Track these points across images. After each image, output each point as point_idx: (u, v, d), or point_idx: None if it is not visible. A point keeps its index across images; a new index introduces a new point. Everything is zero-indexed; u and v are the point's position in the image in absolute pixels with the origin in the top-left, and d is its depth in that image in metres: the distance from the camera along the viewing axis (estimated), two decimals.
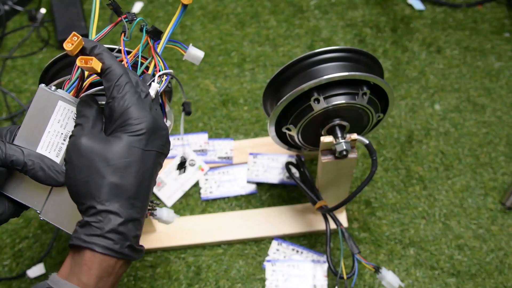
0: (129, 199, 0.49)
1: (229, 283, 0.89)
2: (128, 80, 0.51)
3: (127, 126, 0.50)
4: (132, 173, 0.49)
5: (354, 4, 1.24)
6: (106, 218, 0.49)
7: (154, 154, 0.51)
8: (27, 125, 0.56)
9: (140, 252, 0.52)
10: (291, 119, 0.76)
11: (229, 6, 1.24)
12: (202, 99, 1.10)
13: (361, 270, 0.88)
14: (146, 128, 0.50)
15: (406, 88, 1.10)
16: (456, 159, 1.00)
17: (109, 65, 0.51)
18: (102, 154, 0.49)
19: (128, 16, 0.60)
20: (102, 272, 0.49)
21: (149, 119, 0.50)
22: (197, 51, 0.64)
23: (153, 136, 0.51)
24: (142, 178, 0.50)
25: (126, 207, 0.49)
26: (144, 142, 0.50)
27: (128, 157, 0.49)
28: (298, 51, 1.17)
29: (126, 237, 0.49)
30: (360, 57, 0.75)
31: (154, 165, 0.52)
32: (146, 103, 0.52)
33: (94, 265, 0.48)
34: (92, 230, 0.49)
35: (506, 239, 0.91)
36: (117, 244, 0.49)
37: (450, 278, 0.88)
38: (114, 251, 0.49)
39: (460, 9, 1.22)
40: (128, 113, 0.50)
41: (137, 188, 0.50)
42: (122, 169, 0.49)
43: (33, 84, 1.13)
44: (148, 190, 0.51)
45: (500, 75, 1.11)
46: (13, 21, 1.25)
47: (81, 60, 0.51)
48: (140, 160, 0.50)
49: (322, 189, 0.85)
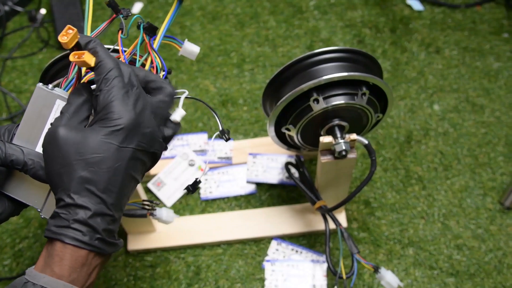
0: (98, 194, 0.49)
1: (228, 282, 0.89)
2: (118, 75, 0.50)
3: (106, 120, 0.49)
4: (104, 168, 0.49)
5: (353, 4, 1.24)
6: (73, 211, 0.48)
7: (131, 151, 0.50)
8: (26, 124, 0.56)
9: (113, 245, 0.51)
10: (291, 119, 0.76)
11: (228, 6, 1.25)
12: (202, 99, 1.10)
13: (360, 270, 0.89)
14: (124, 124, 0.49)
15: (405, 89, 1.10)
16: (455, 159, 1.01)
17: (101, 58, 0.51)
18: (76, 146, 0.49)
19: (123, 12, 0.59)
20: (73, 262, 0.49)
21: (130, 115, 0.49)
22: (193, 46, 0.64)
23: (133, 133, 0.50)
24: (114, 174, 0.49)
25: (95, 202, 0.49)
26: (121, 138, 0.49)
27: (101, 152, 0.49)
28: (297, 51, 1.17)
29: (95, 230, 0.49)
30: (359, 58, 0.75)
31: (131, 162, 0.51)
32: (131, 98, 0.51)
33: (66, 255, 0.49)
34: (61, 221, 0.49)
35: (504, 239, 0.91)
36: (86, 235, 0.48)
37: (449, 278, 0.88)
38: (83, 242, 0.48)
39: (459, 10, 1.23)
40: (109, 107, 0.49)
41: (107, 184, 0.49)
42: (94, 164, 0.48)
43: (33, 85, 1.13)
44: (122, 187, 0.50)
45: (498, 76, 1.11)
46: (13, 21, 1.25)
47: (74, 55, 0.50)
48: (114, 156, 0.49)
49: (322, 189, 0.85)
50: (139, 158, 0.51)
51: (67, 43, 0.51)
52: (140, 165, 0.52)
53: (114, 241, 0.51)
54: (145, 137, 0.51)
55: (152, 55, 0.60)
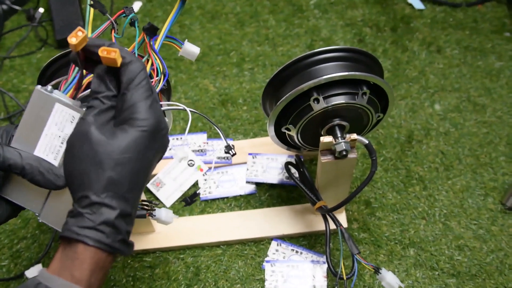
0: (123, 194, 0.49)
1: (228, 283, 0.89)
2: (146, 77, 0.51)
3: (134, 121, 0.49)
4: (131, 168, 0.49)
5: (354, 3, 1.23)
6: (99, 210, 0.48)
7: (154, 153, 0.51)
8: (24, 127, 0.56)
9: (131, 246, 0.52)
10: (291, 119, 0.75)
11: (228, 5, 1.24)
12: (201, 99, 1.09)
13: (360, 270, 0.88)
14: (151, 126, 0.50)
15: (406, 88, 1.10)
16: (456, 159, 1.00)
17: (130, 59, 0.51)
18: (106, 146, 0.49)
19: (126, 11, 0.59)
20: (94, 266, 0.48)
21: (155, 118, 0.50)
22: (193, 47, 0.63)
23: (156, 135, 0.51)
24: (138, 175, 0.50)
25: (120, 201, 0.49)
26: (148, 140, 0.50)
27: (130, 152, 0.49)
28: (297, 50, 1.16)
29: (119, 231, 0.49)
30: (359, 57, 0.75)
31: (152, 164, 0.52)
32: (153, 100, 0.51)
33: (87, 259, 0.48)
34: (84, 221, 0.48)
35: (506, 240, 0.91)
36: (109, 237, 0.48)
37: (450, 279, 0.88)
38: (107, 244, 0.48)
39: (460, 9, 1.22)
40: (137, 107, 0.50)
41: (132, 184, 0.50)
42: (122, 164, 0.49)
43: (31, 84, 1.13)
44: (142, 187, 0.51)
45: (500, 75, 1.11)
46: (11, 20, 1.25)
47: (104, 50, 0.49)
48: (140, 157, 0.50)
49: (322, 190, 0.84)
50: (156, 159, 0.53)
51: (75, 45, 0.50)
52: (155, 166, 0.53)
53: (130, 241, 0.52)
54: (164, 139, 0.53)
55: (152, 57, 0.59)
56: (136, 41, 0.59)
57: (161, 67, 0.60)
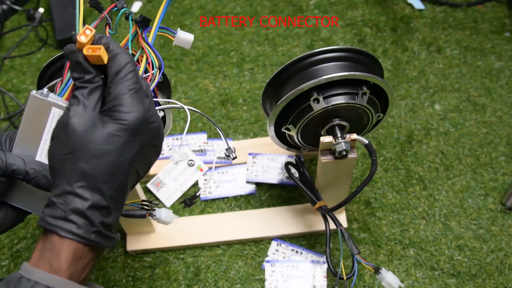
0: (98, 186, 0.48)
1: (228, 283, 0.89)
2: (133, 69, 0.50)
3: (116, 113, 0.49)
4: (108, 161, 0.48)
5: (354, 3, 1.23)
6: (71, 200, 0.48)
7: (138, 146, 0.50)
8: (23, 133, 0.55)
9: (110, 239, 0.50)
10: (291, 119, 0.75)
11: (228, 5, 1.24)
12: (201, 99, 1.09)
13: (360, 270, 0.88)
14: (134, 119, 0.49)
15: (406, 88, 1.10)
16: (456, 159, 1.00)
17: (117, 51, 0.50)
18: (85, 136, 0.48)
19: (117, 5, 0.58)
20: (71, 256, 0.48)
21: (139, 111, 0.49)
22: (186, 35, 0.62)
23: (141, 128, 0.50)
24: (117, 168, 0.49)
25: (94, 193, 0.48)
26: (129, 133, 0.49)
27: (107, 144, 0.48)
28: (297, 50, 1.16)
29: (92, 223, 0.48)
30: (359, 57, 0.75)
31: (137, 157, 0.50)
32: (142, 93, 0.50)
33: (63, 249, 0.48)
34: (56, 211, 0.48)
35: (506, 240, 0.91)
36: (82, 228, 0.48)
37: (450, 279, 0.88)
38: (79, 235, 0.48)
39: (460, 9, 1.22)
40: (120, 100, 0.49)
41: (109, 177, 0.49)
42: (98, 156, 0.48)
43: (31, 84, 1.13)
44: (123, 181, 0.50)
45: (500, 75, 1.11)
46: (11, 20, 1.25)
47: (89, 49, 0.49)
48: (120, 150, 0.49)
49: (322, 190, 0.84)
50: (145, 153, 0.51)
51: (85, 43, 0.49)
52: (145, 160, 0.52)
53: (111, 234, 0.50)
54: (152, 132, 0.51)
55: (146, 50, 0.58)
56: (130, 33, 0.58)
57: (156, 60, 0.59)
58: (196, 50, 1.17)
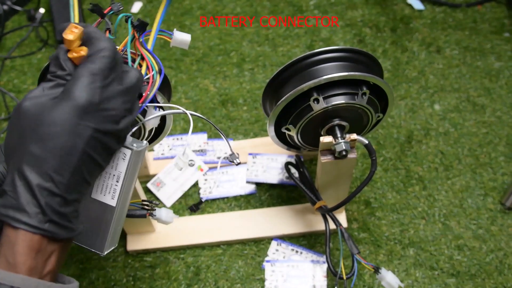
0: (49, 172, 0.45)
1: (228, 283, 0.89)
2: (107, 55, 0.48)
3: (68, 94, 0.46)
4: (58, 144, 0.45)
5: (354, 4, 1.23)
6: (20, 188, 0.45)
7: (91, 130, 0.47)
8: None
9: (67, 229, 0.47)
10: (291, 119, 0.76)
11: (228, 6, 1.24)
12: (201, 99, 1.09)
13: (360, 270, 0.88)
14: (83, 100, 0.46)
15: (405, 88, 1.10)
16: (455, 159, 1.00)
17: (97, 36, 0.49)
18: (34, 119, 0.46)
19: (113, 8, 0.57)
20: (26, 249, 0.45)
21: (93, 94, 0.46)
22: (183, 35, 0.60)
23: (94, 112, 0.46)
24: (69, 152, 0.46)
25: (44, 180, 0.45)
26: (79, 115, 0.46)
27: (57, 126, 0.45)
28: (297, 51, 1.16)
29: (44, 211, 0.45)
30: (359, 57, 0.75)
31: (91, 143, 0.47)
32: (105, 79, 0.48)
33: (18, 241, 0.45)
34: (7, 200, 0.45)
35: (506, 240, 0.91)
36: (34, 217, 0.45)
37: (450, 279, 0.88)
38: (32, 226, 0.45)
39: (459, 9, 1.22)
40: (76, 82, 0.46)
41: (60, 162, 0.46)
42: (47, 138, 0.45)
43: (32, 84, 1.13)
44: (77, 167, 0.47)
45: (500, 75, 1.11)
46: (12, 21, 1.25)
47: (73, 52, 0.49)
48: (71, 133, 0.46)
49: (322, 189, 0.84)
50: (101, 140, 0.48)
51: (72, 41, 0.48)
52: (102, 147, 0.49)
53: (69, 225, 0.47)
54: (106, 118, 0.48)
55: (144, 54, 0.58)
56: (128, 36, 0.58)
57: (155, 64, 0.58)
58: (196, 50, 1.17)
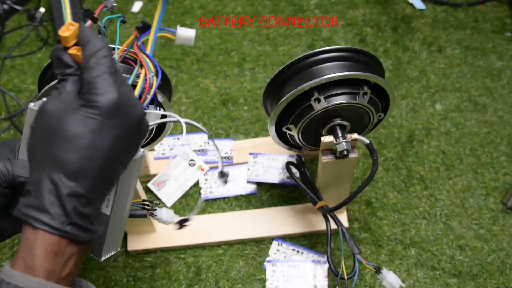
0: (74, 172, 0.45)
1: (229, 283, 0.89)
2: (107, 54, 0.48)
3: (89, 95, 0.46)
4: (83, 144, 0.46)
5: (355, 3, 1.23)
6: (44, 187, 0.45)
7: (117, 131, 0.47)
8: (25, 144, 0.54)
9: (89, 231, 0.47)
10: (292, 119, 0.75)
11: (229, 5, 1.24)
12: (202, 99, 1.09)
13: (361, 270, 0.88)
14: (107, 101, 0.46)
15: (407, 88, 1.09)
16: (457, 159, 1.00)
17: (89, 38, 0.49)
18: (58, 120, 0.46)
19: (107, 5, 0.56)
20: (45, 251, 0.45)
21: (114, 93, 0.47)
22: (188, 31, 0.58)
23: (117, 111, 0.47)
24: (93, 152, 0.46)
25: (69, 180, 0.45)
26: (103, 115, 0.46)
27: (80, 127, 0.46)
28: (298, 50, 1.16)
29: (67, 213, 0.45)
30: (360, 57, 0.75)
31: (116, 142, 0.47)
32: (119, 77, 0.48)
33: (37, 243, 0.45)
34: (30, 200, 0.45)
35: (507, 239, 0.91)
36: (56, 219, 0.45)
37: (452, 279, 0.88)
38: (53, 227, 0.45)
39: (461, 8, 1.22)
40: (94, 83, 0.47)
41: (85, 162, 0.46)
42: (70, 139, 0.46)
43: (32, 84, 1.13)
44: (103, 167, 0.47)
45: (501, 75, 1.11)
46: (12, 20, 1.25)
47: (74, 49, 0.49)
48: (95, 133, 0.46)
49: (323, 189, 0.84)
50: (126, 139, 0.48)
51: (68, 37, 0.49)
52: (127, 147, 0.49)
53: (91, 227, 0.47)
54: (131, 116, 0.48)
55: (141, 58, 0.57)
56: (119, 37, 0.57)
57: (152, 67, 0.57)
58: (197, 49, 1.17)
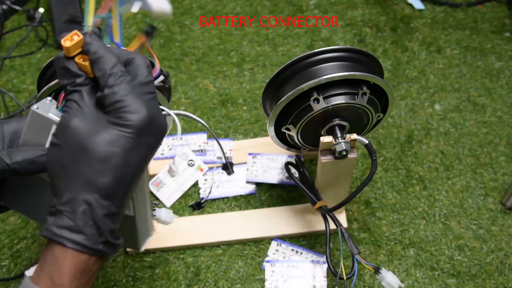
0: (107, 192, 0.46)
1: (228, 283, 0.89)
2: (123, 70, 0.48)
3: (121, 113, 0.46)
4: (115, 164, 0.46)
5: (354, 3, 1.23)
6: (79, 208, 0.45)
7: (147, 148, 0.48)
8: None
9: (116, 247, 0.48)
10: (291, 119, 0.75)
11: (228, 5, 1.24)
12: (201, 99, 1.09)
13: (360, 270, 0.88)
14: (141, 119, 0.46)
15: (406, 88, 1.10)
16: (456, 159, 1.00)
17: (101, 54, 0.48)
18: (89, 138, 0.46)
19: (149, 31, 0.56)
20: (75, 270, 0.45)
21: (145, 111, 0.47)
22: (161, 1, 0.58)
23: (149, 128, 0.47)
24: (126, 172, 0.46)
25: (104, 200, 0.45)
26: (137, 134, 0.46)
27: (114, 146, 0.46)
28: (297, 50, 1.16)
29: (101, 232, 0.46)
30: (359, 57, 0.75)
31: (144, 158, 0.48)
32: (142, 93, 0.48)
33: (67, 262, 0.45)
34: (63, 221, 0.45)
35: (506, 240, 0.91)
36: (90, 239, 0.45)
37: (450, 279, 0.88)
38: (87, 247, 0.45)
39: (460, 9, 1.22)
40: (123, 102, 0.46)
41: (118, 182, 0.46)
42: (104, 159, 0.45)
43: (31, 84, 1.13)
44: (131, 183, 0.47)
45: (500, 75, 1.11)
46: (11, 20, 1.25)
47: (81, 58, 0.48)
48: (128, 152, 0.46)
49: (322, 190, 0.84)
50: (150, 153, 0.49)
51: (69, 48, 0.47)
52: (150, 159, 0.50)
53: (118, 242, 0.48)
54: (159, 132, 0.49)
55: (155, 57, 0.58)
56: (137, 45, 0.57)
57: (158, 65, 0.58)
58: (196, 50, 1.17)
